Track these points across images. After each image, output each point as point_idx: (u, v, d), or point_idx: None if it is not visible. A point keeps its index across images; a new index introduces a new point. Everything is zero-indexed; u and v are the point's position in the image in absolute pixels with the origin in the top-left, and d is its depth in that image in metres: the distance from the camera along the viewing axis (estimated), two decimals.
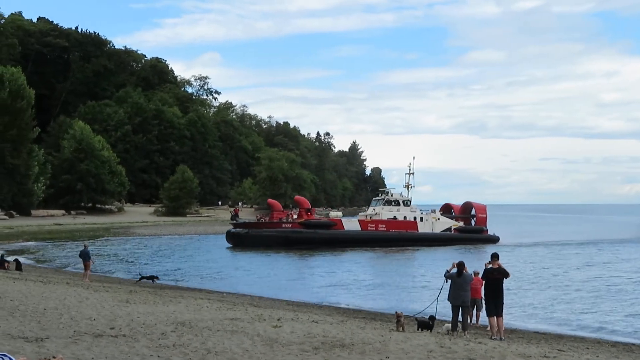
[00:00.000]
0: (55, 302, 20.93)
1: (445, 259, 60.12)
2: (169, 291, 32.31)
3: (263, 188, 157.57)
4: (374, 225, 73.29)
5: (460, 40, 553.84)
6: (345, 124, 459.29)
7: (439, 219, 77.09)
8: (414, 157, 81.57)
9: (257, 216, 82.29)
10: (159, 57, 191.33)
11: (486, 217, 79.74)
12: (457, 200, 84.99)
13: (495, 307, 19.93)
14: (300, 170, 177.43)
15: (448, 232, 76.66)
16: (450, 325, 20.29)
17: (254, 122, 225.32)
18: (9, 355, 10.12)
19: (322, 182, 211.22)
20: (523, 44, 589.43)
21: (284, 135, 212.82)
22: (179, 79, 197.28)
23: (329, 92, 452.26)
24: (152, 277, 38.62)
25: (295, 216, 73.24)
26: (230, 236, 72.91)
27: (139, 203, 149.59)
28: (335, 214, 79.60)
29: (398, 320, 20.17)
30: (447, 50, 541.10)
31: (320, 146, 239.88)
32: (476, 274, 22.43)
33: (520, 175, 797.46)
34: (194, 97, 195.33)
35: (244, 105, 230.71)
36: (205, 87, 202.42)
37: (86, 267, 36.74)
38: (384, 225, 73.43)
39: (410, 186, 79.07)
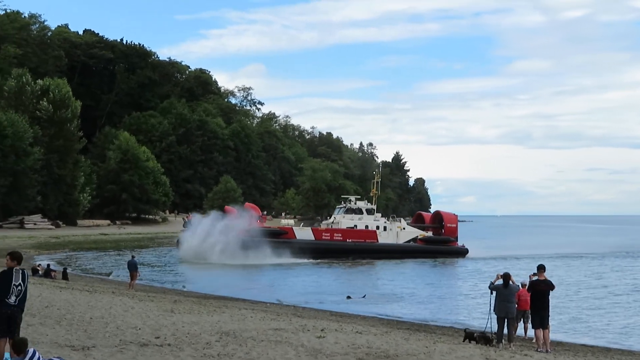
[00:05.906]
0: (101, 311, 21.15)
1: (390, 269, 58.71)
2: (213, 301, 32.44)
3: (306, 198, 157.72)
4: (329, 235, 68.09)
5: (506, 50, 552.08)
6: (389, 134, 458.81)
7: (404, 228, 72.54)
8: (380, 166, 79.20)
9: None
10: (203, 68, 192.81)
11: (456, 228, 74.63)
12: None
13: (541, 319, 19.62)
14: (343, 181, 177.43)
15: (413, 242, 71.42)
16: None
17: (297, 132, 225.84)
18: (62, 359, 10.32)
19: (365, 193, 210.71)
20: (569, 53, 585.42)
21: (327, 146, 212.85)
22: (222, 90, 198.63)
23: (373, 102, 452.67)
24: None
25: None
26: (179, 244, 66.03)
27: (182, 213, 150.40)
28: (286, 222, 74.90)
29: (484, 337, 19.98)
30: (493, 59, 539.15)
31: (364, 156, 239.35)
32: (523, 285, 22.03)
33: (566, 186, 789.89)
34: (237, 107, 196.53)
35: (287, 116, 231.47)
36: (249, 97, 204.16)
37: (133, 277, 37.13)
38: (340, 235, 68.15)
39: (376, 194, 77.14)
